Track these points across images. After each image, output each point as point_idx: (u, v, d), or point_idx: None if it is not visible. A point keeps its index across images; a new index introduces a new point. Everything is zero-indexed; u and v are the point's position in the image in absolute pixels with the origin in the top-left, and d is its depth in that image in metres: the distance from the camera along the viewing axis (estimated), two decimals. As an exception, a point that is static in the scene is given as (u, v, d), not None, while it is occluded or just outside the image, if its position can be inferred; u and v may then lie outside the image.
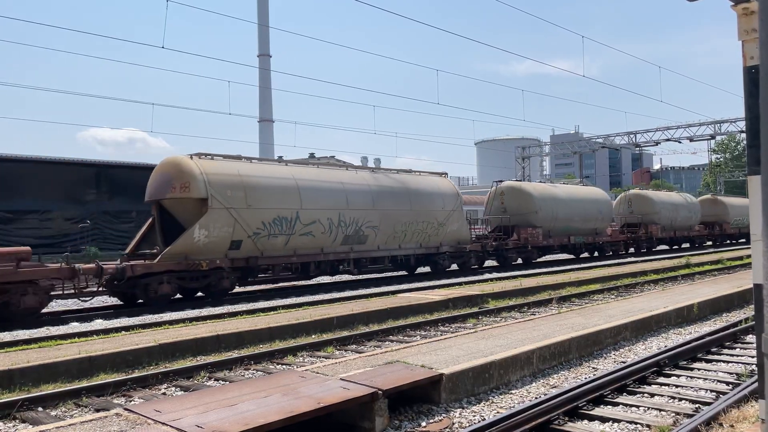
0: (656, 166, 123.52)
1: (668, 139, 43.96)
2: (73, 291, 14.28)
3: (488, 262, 26.58)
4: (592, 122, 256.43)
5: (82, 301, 15.30)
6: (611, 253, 33.18)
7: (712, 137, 46.33)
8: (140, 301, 15.30)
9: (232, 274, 16.40)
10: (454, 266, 23.95)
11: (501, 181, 29.71)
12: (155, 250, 15.89)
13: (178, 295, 16.11)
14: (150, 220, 16.80)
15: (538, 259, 29.13)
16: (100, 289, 15.27)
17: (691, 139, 43.46)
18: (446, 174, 24.85)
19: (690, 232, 41.15)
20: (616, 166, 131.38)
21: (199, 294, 16.68)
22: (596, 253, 32.88)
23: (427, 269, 23.13)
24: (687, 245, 42.11)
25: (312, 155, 73.31)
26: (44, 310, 13.96)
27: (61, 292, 14.28)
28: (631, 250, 35.18)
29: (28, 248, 13.91)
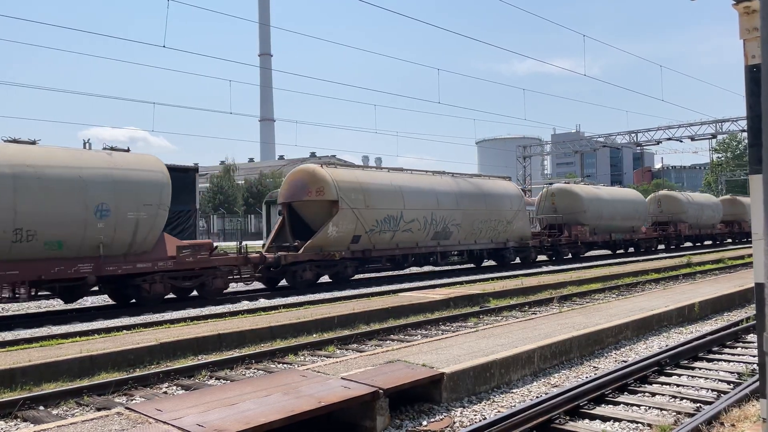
0: (657, 165, 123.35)
1: (669, 138, 43.96)
2: (239, 276, 17.04)
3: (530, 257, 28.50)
4: (594, 121, 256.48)
5: (246, 284, 18.18)
6: (644, 249, 35.72)
7: (714, 136, 46.35)
8: (281, 284, 18.56)
9: (353, 263, 19.64)
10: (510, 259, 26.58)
11: (551, 183, 32.83)
12: (296, 244, 18.73)
13: (278, 282, 18.88)
14: (280, 219, 20.09)
15: (585, 254, 31.94)
16: (257, 274, 17.71)
17: (692, 138, 43.44)
18: (510, 177, 28.37)
19: (713, 230, 43.42)
20: (617, 165, 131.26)
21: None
22: (632, 249, 35.39)
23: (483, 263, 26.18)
24: (709, 242, 44.27)
25: (313, 154, 73.29)
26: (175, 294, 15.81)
27: (232, 276, 16.86)
28: (661, 246, 37.76)
29: (210, 241, 17.03)
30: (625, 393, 6.83)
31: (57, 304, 16.24)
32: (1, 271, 12.42)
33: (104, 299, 16.87)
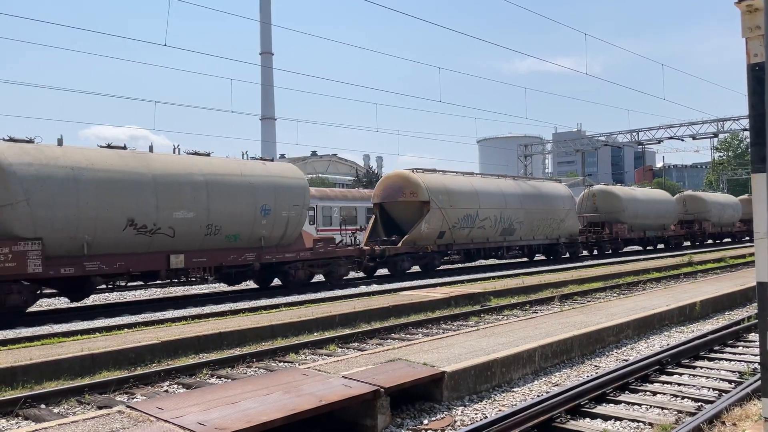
0: (659, 164, 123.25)
1: (671, 137, 43.95)
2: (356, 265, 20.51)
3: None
4: (595, 120, 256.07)
5: (356, 272, 21.33)
6: (673, 246, 38.88)
7: (715, 135, 46.28)
8: (378, 274, 21.87)
9: (439, 255, 23.02)
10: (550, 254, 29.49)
11: (592, 185, 36.70)
12: (393, 238, 21.71)
13: (375, 271, 22.23)
14: (373, 217, 23.20)
15: (623, 250, 35.07)
16: (369, 264, 21.08)
17: (693, 137, 43.42)
18: (561, 180, 32.79)
19: (732, 228, 45.95)
20: (618, 164, 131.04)
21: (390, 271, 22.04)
22: (661, 245, 38.38)
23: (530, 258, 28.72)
24: (728, 239, 46.88)
25: (314, 153, 73.27)
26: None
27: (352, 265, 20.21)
28: (687, 243, 41.00)
29: (333, 236, 20.51)
30: (627, 392, 6.82)
31: (59, 303, 16.25)
32: (195, 258, 15.39)
33: (105, 297, 16.87)
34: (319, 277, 19.11)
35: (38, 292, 13.53)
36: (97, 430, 4.84)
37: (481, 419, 5.84)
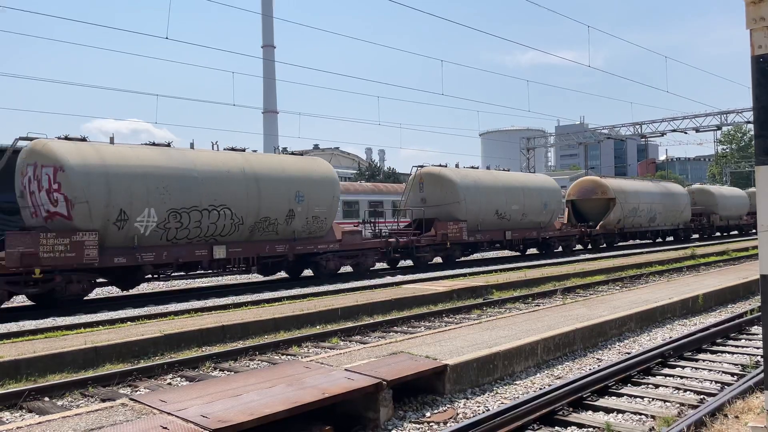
0: (662, 157, 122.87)
1: (674, 130, 43.85)
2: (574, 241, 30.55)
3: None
4: (598, 113, 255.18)
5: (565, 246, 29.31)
6: (744, 232, 47.14)
7: (718, 128, 46.15)
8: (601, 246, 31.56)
9: (617, 236, 32.55)
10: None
11: (691, 184, 46.56)
12: (590, 224, 31.02)
13: (575, 246, 30.69)
14: (567, 210, 32.10)
15: (714, 234, 43.92)
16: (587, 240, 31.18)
17: (697, 130, 43.31)
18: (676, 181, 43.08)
19: None
20: (621, 157, 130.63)
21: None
22: (735, 232, 47.07)
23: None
24: None
25: (316, 146, 73.28)
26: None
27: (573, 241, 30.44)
28: (753, 231, 45.83)
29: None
30: (629, 385, 6.83)
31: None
32: (515, 234, 25.48)
33: (105, 291, 16.89)
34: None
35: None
36: (101, 422, 4.86)
37: (483, 412, 5.85)
